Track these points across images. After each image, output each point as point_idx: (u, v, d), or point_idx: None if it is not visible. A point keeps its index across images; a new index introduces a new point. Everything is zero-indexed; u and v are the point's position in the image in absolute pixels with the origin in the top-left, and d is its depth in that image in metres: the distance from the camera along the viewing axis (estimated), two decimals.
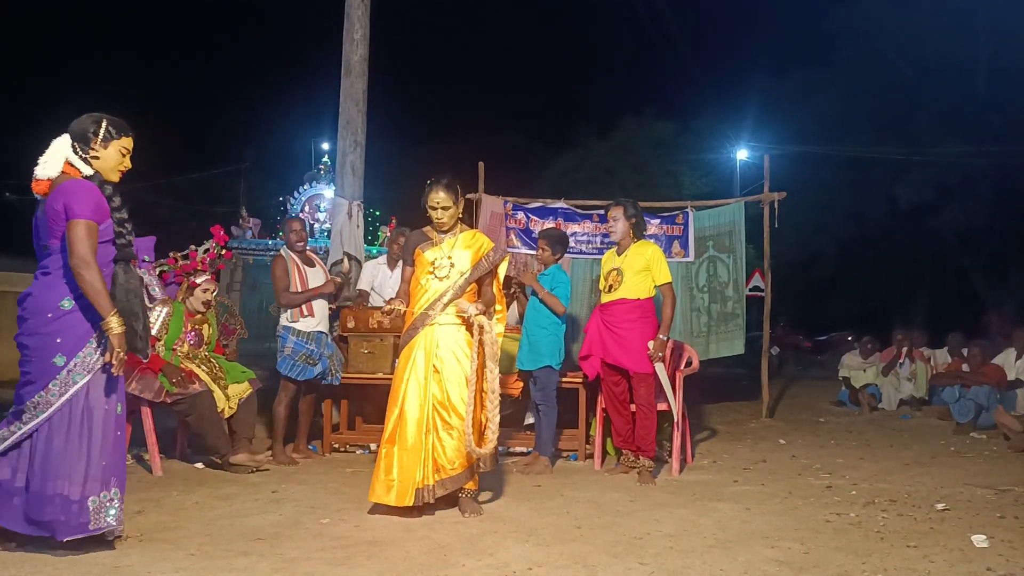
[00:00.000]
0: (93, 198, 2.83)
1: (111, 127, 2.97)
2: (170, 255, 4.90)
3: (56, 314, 2.84)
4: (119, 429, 3.00)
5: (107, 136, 2.96)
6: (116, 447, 2.96)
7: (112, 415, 2.95)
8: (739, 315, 6.97)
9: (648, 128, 19.74)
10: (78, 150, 2.91)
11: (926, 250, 17.53)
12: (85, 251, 2.75)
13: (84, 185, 2.85)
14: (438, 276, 3.79)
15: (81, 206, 2.79)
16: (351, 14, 6.96)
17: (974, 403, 6.78)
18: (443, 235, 3.87)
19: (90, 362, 2.87)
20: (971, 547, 3.20)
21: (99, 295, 2.77)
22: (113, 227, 2.91)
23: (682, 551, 3.14)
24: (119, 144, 2.99)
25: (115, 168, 2.99)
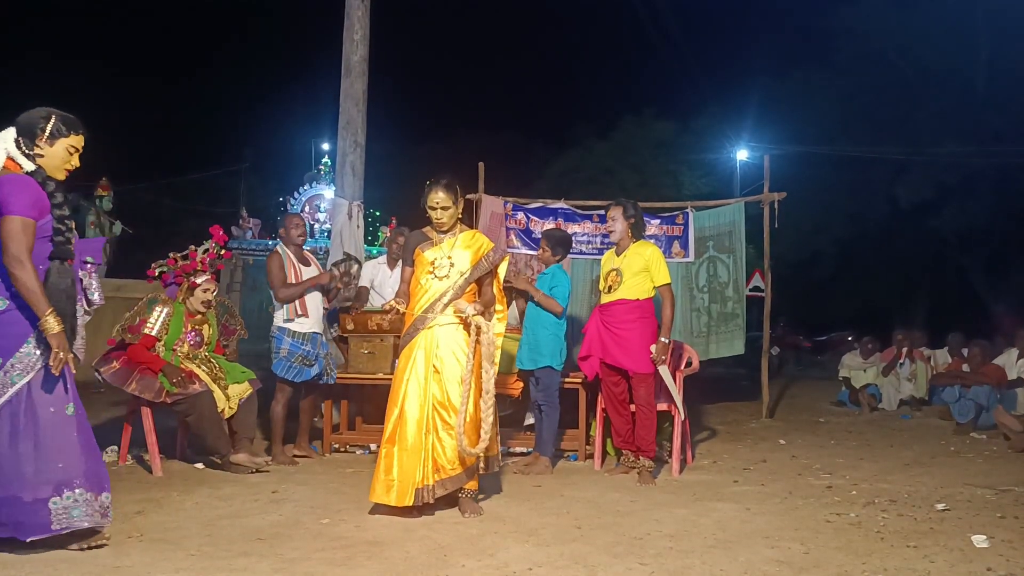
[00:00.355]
0: (30, 193, 2.74)
1: (61, 124, 2.88)
2: (169, 255, 4.90)
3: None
4: (77, 431, 2.89)
5: (55, 133, 2.86)
6: (76, 448, 2.86)
7: (61, 416, 2.85)
8: (739, 315, 6.97)
9: (648, 128, 19.76)
10: (22, 145, 2.82)
11: (926, 250, 17.53)
12: (19, 249, 2.67)
13: (21, 180, 2.75)
14: (438, 276, 3.80)
15: (16, 201, 2.70)
16: (351, 14, 6.96)
17: (974, 403, 6.78)
18: (443, 235, 3.87)
19: (29, 362, 2.79)
20: (971, 547, 3.20)
21: (34, 294, 2.70)
22: (52, 224, 2.81)
23: (682, 551, 3.14)
24: (67, 142, 2.90)
25: (61, 167, 2.90)
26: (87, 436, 2.95)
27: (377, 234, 17.84)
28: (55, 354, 2.73)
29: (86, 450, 2.91)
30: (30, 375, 2.78)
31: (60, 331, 2.74)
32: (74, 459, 2.86)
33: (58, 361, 2.73)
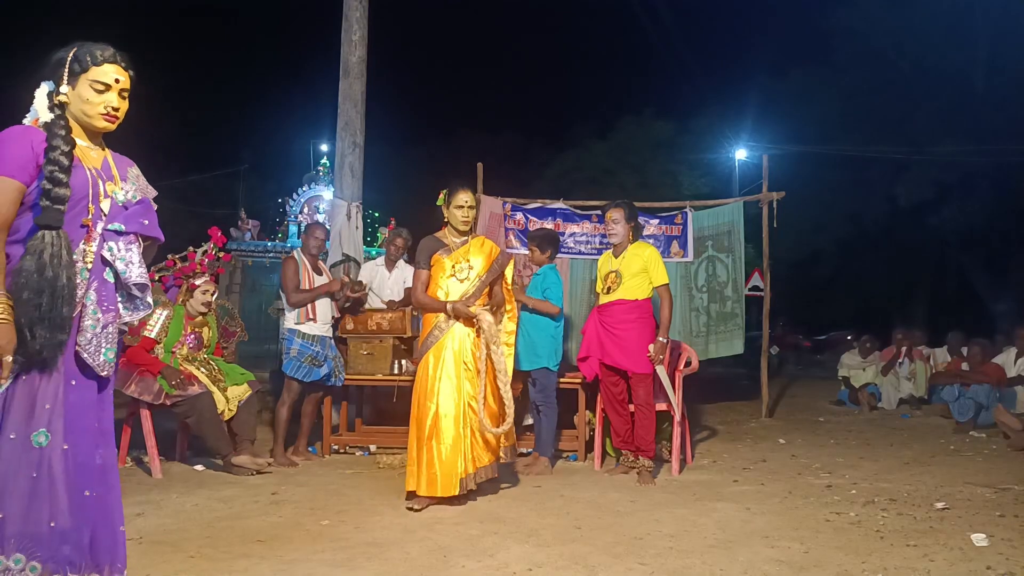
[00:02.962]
0: (10, 147, 2.08)
1: (78, 56, 2.19)
2: (168, 257, 4.91)
3: None
4: (36, 468, 2.02)
5: (75, 69, 2.19)
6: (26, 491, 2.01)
7: (25, 446, 2.02)
8: (738, 315, 6.97)
9: (647, 128, 19.77)
10: (54, 96, 2.22)
11: (925, 249, 17.55)
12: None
13: (8, 132, 2.13)
14: (459, 279, 4.05)
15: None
16: (349, 15, 6.96)
17: (974, 402, 6.78)
18: (457, 240, 4.12)
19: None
20: (971, 546, 3.20)
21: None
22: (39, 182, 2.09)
23: (682, 551, 3.14)
24: (89, 78, 2.19)
25: (93, 112, 2.20)
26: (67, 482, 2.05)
27: (376, 235, 17.85)
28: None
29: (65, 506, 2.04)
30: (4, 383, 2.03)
31: (5, 323, 1.98)
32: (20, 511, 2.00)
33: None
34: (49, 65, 2.22)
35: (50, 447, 2.03)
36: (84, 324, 2.11)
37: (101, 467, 2.16)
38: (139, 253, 2.26)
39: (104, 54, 2.21)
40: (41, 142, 2.09)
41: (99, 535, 2.12)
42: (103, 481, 2.16)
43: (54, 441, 2.04)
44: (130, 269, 2.21)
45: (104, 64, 2.21)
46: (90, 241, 2.16)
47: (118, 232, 2.21)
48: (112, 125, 2.24)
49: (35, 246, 2.02)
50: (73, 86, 2.19)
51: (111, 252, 2.19)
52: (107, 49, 2.23)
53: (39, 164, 2.08)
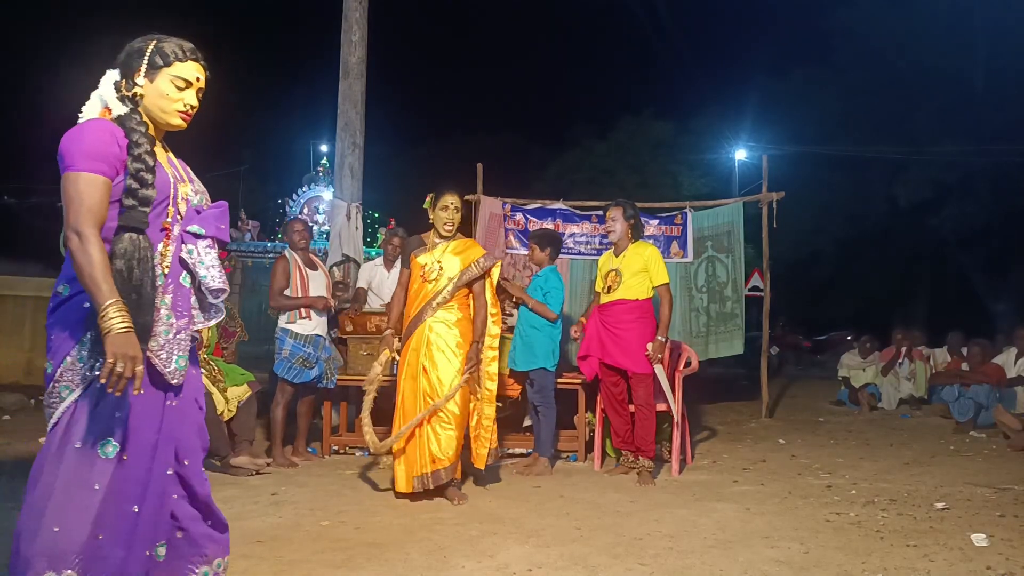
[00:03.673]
0: (93, 140, 1.96)
1: (163, 49, 2.10)
2: None
3: (53, 303, 2.02)
4: (101, 480, 1.92)
5: (154, 62, 2.09)
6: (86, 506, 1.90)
7: (91, 458, 1.92)
8: (738, 315, 6.97)
9: (647, 128, 19.79)
10: (121, 87, 2.10)
11: (925, 249, 17.56)
12: (77, 215, 1.91)
13: (89, 125, 2.00)
14: (428, 279, 4.09)
15: (76, 152, 1.94)
16: (349, 16, 6.96)
17: (973, 402, 6.78)
18: (438, 241, 4.15)
19: (79, 371, 1.95)
20: (971, 546, 3.20)
21: (91, 279, 1.86)
22: (125, 180, 1.99)
23: (682, 551, 3.14)
24: (172, 72, 2.10)
25: (170, 108, 2.11)
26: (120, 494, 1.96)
27: (376, 236, 17.85)
28: (108, 365, 1.82)
29: (111, 520, 1.95)
30: (78, 391, 1.94)
31: (124, 332, 1.85)
32: (78, 526, 1.89)
33: (113, 375, 1.82)
34: (123, 55, 2.12)
35: (116, 458, 1.95)
36: (157, 330, 2.02)
37: (160, 480, 2.07)
38: (217, 257, 2.20)
39: (188, 50, 2.15)
40: (122, 137, 2.00)
41: (135, 554, 2.01)
42: (161, 494, 2.07)
43: (119, 452, 1.97)
44: (210, 273, 2.15)
45: (188, 61, 2.14)
46: (168, 244, 2.09)
47: (196, 235, 2.14)
48: (185, 124, 2.17)
49: (122, 249, 1.95)
50: (152, 79, 2.10)
51: (191, 255, 2.13)
52: (190, 45, 2.17)
53: (123, 160, 1.98)
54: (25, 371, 8.39)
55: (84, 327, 1.96)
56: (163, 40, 2.13)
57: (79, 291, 1.96)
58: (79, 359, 1.95)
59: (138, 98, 2.09)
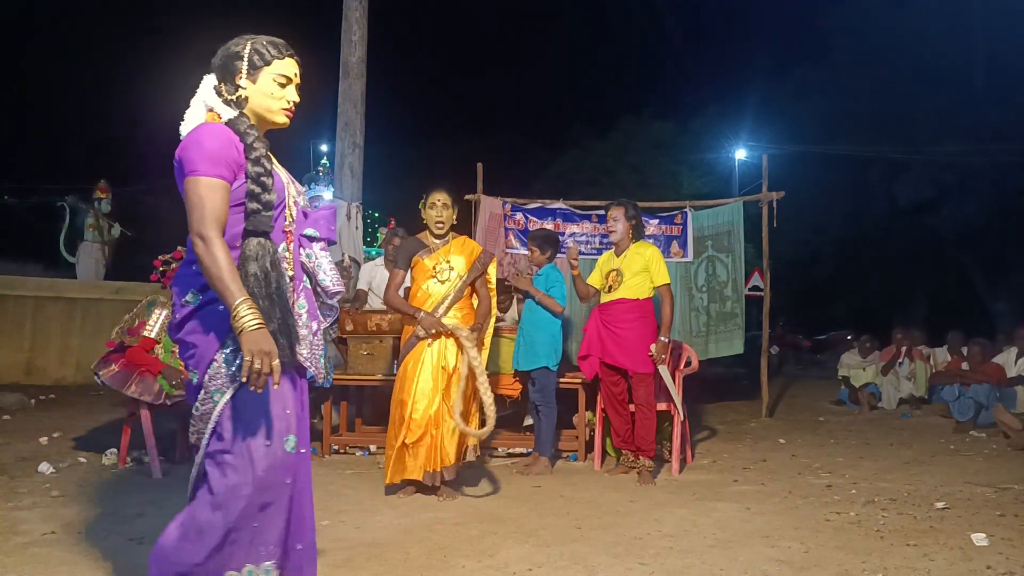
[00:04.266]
0: (215, 145, 1.97)
1: (260, 49, 2.12)
2: (158, 258, 4.91)
3: (181, 313, 2.06)
4: (290, 474, 2.05)
5: (254, 63, 2.11)
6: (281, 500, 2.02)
7: (280, 452, 2.02)
8: (738, 315, 6.97)
9: (647, 128, 19.79)
10: (222, 91, 2.12)
11: (925, 249, 17.53)
12: (201, 219, 1.92)
13: (207, 129, 2.01)
14: (440, 280, 4.08)
15: (197, 157, 1.96)
16: (349, 16, 6.97)
17: (974, 401, 6.78)
18: (438, 241, 4.14)
19: (227, 373, 2.00)
20: (971, 545, 3.20)
21: (220, 281, 1.88)
22: (246, 185, 2.02)
23: (682, 551, 3.14)
24: (272, 71, 2.12)
25: (275, 107, 2.14)
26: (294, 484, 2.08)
27: (376, 235, 17.81)
28: (248, 364, 1.84)
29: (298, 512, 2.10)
30: (230, 392, 1.99)
31: (258, 330, 1.87)
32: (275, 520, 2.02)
33: (252, 372, 1.84)
34: (220, 59, 2.13)
35: (296, 452, 2.05)
36: (301, 333, 2.09)
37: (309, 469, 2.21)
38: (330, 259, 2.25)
39: (283, 47, 2.16)
40: (238, 141, 2.03)
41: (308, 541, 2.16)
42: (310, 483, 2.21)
43: (298, 445, 2.07)
44: (329, 276, 2.21)
45: (285, 57, 2.15)
46: (289, 247, 2.13)
47: (310, 238, 2.19)
48: (289, 122, 2.18)
49: (253, 253, 1.98)
50: (254, 80, 2.12)
51: (310, 258, 2.18)
52: (283, 41, 2.17)
53: (241, 164, 2.01)
54: (25, 371, 8.40)
55: (224, 330, 1.99)
56: (256, 39, 2.14)
57: (211, 298, 1.99)
58: (224, 362, 2.00)
59: (243, 100, 2.11)
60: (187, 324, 2.04)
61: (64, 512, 3.57)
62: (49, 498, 3.84)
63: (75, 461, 4.75)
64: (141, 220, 14.33)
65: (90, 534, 3.24)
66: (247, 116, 2.10)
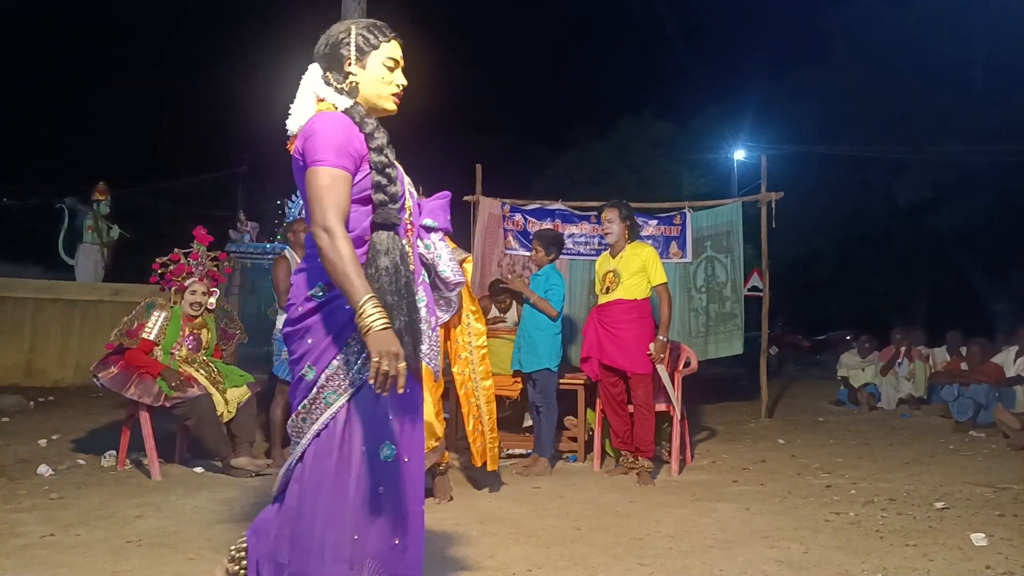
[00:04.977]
0: (339, 135, 1.89)
1: (365, 33, 2.04)
2: (156, 260, 4.91)
3: (305, 307, 1.95)
4: (384, 483, 1.91)
5: (362, 48, 2.03)
6: (376, 509, 1.90)
7: (375, 461, 1.91)
8: (737, 315, 6.97)
9: (646, 128, 19.78)
10: (331, 80, 2.04)
11: (924, 249, 17.54)
12: (325, 212, 1.82)
13: (327, 118, 1.93)
14: None
15: (320, 147, 1.87)
16: (348, 16, 6.96)
17: (973, 401, 6.78)
18: None
19: (348, 376, 1.92)
20: (970, 545, 3.20)
21: (345, 277, 1.78)
22: (371, 177, 1.94)
23: (682, 551, 3.14)
24: (381, 55, 2.04)
25: (385, 92, 2.05)
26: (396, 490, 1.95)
27: None
28: (373, 364, 1.74)
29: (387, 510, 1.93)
30: (346, 397, 1.90)
31: (383, 329, 1.75)
32: (374, 526, 1.91)
33: (380, 375, 1.74)
34: (325, 47, 2.06)
35: (394, 460, 1.93)
36: (422, 328, 1.99)
37: (420, 479, 2.06)
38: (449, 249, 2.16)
39: (388, 29, 2.07)
40: (358, 130, 1.94)
41: (412, 552, 1.99)
42: (420, 494, 2.05)
43: (396, 453, 1.94)
44: (450, 267, 2.13)
45: (391, 40, 2.07)
46: (409, 239, 2.04)
47: (428, 228, 2.11)
48: (397, 108, 2.09)
49: (384, 247, 1.89)
50: (363, 66, 2.03)
51: (429, 250, 2.10)
52: (384, 23, 2.09)
53: (363, 155, 1.93)
54: (25, 372, 8.39)
55: (348, 330, 1.91)
56: (358, 23, 2.07)
57: (338, 294, 1.89)
58: (345, 363, 1.91)
59: (355, 88, 2.02)
60: (309, 319, 1.94)
61: (63, 514, 3.57)
62: (48, 500, 3.84)
63: (74, 463, 4.74)
64: (140, 222, 14.34)
65: (89, 536, 3.24)
66: (361, 105, 2.02)
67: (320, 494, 1.87)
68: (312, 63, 2.07)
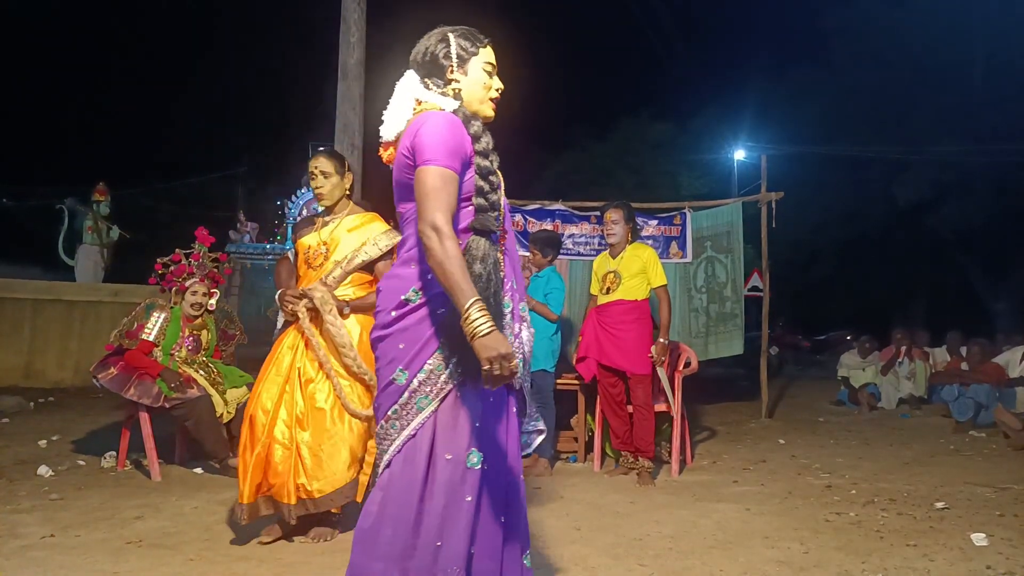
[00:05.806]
0: (450, 135, 1.89)
1: (463, 41, 2.07)
2: (158, 261, 4.91)
3: (400, 310, 1.93)
4: (471, 492, 1.87)
5: (462, 55, 2.06)
6: (461, 519, 1.86)
7: (461, 468, 1.87)
8: (737, 315, 6.97)
9: (646, 129, 19.78)
10: (431, 85, 2.05)
11: (924, 249, 17.55)
12: (434, 211, 1.81)
13: (439, 117, 1.92)
14: (312, 265, 3.38)
15: (433, 146, 1.86)
16: (347, 18, 6.96)
17: (973, 401, 6.78)
18: (328, 219, 3.44)
19: (439, 381, 1.89)
20: (971, 545, 3.20)
21: (454, 277, 1.76)
22: (475, 181, 1.95)
23: (682, 552, 3.14)
24: (479, 60, 2.07)
25: (485, 97, 2.08)
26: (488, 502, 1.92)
27: None
28: (485, 369, 1.73)
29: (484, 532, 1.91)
30: (438, 402, 1.89)
31: (490, 332, 1.73)
32: (457, 540, 1.86)
33: (492, 379, 1.75)
34: (423, 55, 2.07)
35: (481, 469, 1.90)
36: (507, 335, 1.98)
37: (513, 489, 2.01)
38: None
39: (483, 36, 2.10)
40: (463, 128, 1.95)
41: (507, 568, 1.96)
42: (516, 505, 2.01)
43: (484, 462, 1.91)
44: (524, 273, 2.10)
45: (487, 45, 2.10)
46: (502, 246, 2.06)
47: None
48: (494, 115, 2.11)
49: (480, 253, 1.88)
50: (465, 72, 2.06)
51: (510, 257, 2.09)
52: (475, 30, 2.12)
53: (470, 158, 1.94)
54: (24, 374, 8.39)
55: (440, 334, 1.89)
56: (455, 30, 2.09)
57: (431, 295, 1.90)
58: (437, 368, 1.89)
59: (459, 94, 2.04)
60: (401, 322, 1.92)
61: (63, 515, 3.57)
62: (48, 501, 3.84)
63: (74, 464, 4.74)
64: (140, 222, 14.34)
65: (89, 537, 3.24)
66: (464, 109, 2.03)
67: (407, 500, 1.85)
68: (407, 71, 2.08)
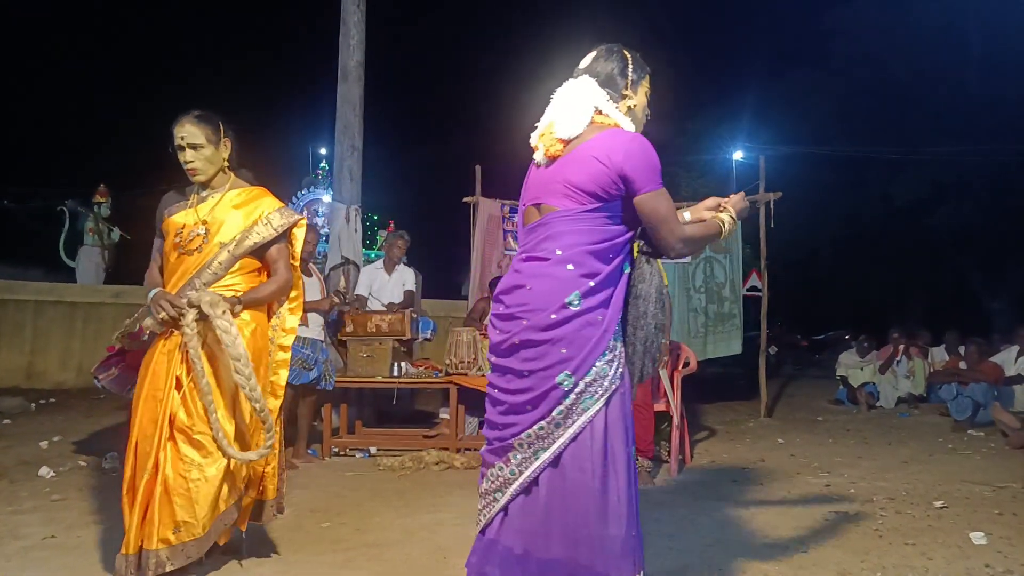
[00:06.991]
0: (657, 159, 2.05)
1: (637, 63, 2.17)
2: None
3: (560, 315, 2.00)
4: (635, 481, 2.03)
5: (637, 78, 2.17)
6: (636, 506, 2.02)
7: (631, 460, 2.03)
8: (736, 315, 6.99)
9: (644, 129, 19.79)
10: (609, 97, 2.12)
11: (922, 249, 17.57)
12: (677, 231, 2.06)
13: (647, 142, 2.06)
14: (187, 250, 2.75)
15: (655, 170, 2.02)
16: (347, 20, 6.98)
17: (972, 400, 6.80)
18: (206, 193, 2.86)
19: (605, 382, 2.00)
20: (969, 544, 3.21)
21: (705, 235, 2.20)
22: None
23: (681, 551, 3.15)
24: (647, 86, 2.21)
25: (643, 123, 2.25)
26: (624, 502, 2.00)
27: (375, 238, 17.83)
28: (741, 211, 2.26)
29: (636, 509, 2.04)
30: (604, 401, 2.00)
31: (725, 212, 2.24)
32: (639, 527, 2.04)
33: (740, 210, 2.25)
34: (604, 65, 2.14)
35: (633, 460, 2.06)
36: None
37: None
38: None
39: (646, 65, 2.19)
40: None
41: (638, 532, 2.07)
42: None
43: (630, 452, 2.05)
44: None
45: (650, 73, 2.22)
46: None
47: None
48: None
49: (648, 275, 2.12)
50: (635, 92, 2.17)
51: None
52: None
53: None
54: (26, 375, 8.40)
55: (607, 338, 2.03)
56: (629, 50, 2.17)
57: (595, 305, 2.01)
58: (603, 370, 2.01)
59: (632, 112, 2.16)
60: (562, 327, 2.00)
61: (64, 516, 3.58)
62: (49, 502, 3.85)
63: (76, 465, 4.75)
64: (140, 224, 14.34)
65: (90, 538, 3.25)
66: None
67: (589, 494, 1.95)
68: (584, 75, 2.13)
